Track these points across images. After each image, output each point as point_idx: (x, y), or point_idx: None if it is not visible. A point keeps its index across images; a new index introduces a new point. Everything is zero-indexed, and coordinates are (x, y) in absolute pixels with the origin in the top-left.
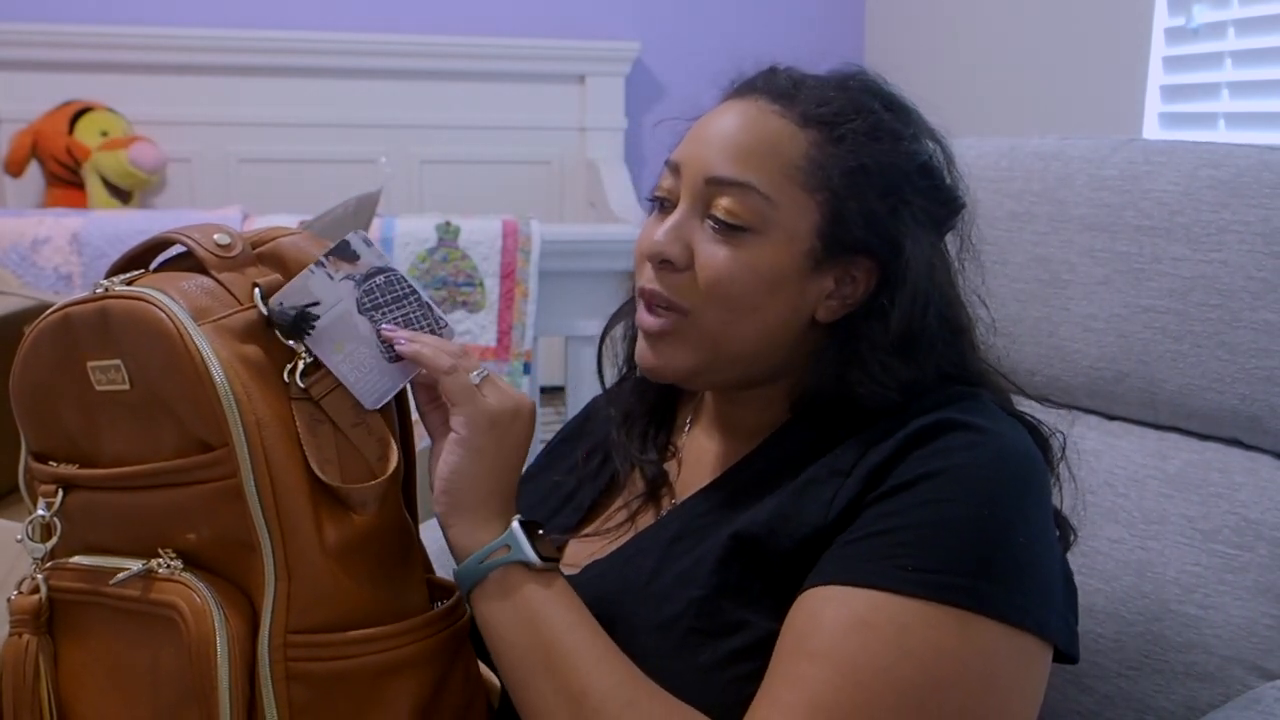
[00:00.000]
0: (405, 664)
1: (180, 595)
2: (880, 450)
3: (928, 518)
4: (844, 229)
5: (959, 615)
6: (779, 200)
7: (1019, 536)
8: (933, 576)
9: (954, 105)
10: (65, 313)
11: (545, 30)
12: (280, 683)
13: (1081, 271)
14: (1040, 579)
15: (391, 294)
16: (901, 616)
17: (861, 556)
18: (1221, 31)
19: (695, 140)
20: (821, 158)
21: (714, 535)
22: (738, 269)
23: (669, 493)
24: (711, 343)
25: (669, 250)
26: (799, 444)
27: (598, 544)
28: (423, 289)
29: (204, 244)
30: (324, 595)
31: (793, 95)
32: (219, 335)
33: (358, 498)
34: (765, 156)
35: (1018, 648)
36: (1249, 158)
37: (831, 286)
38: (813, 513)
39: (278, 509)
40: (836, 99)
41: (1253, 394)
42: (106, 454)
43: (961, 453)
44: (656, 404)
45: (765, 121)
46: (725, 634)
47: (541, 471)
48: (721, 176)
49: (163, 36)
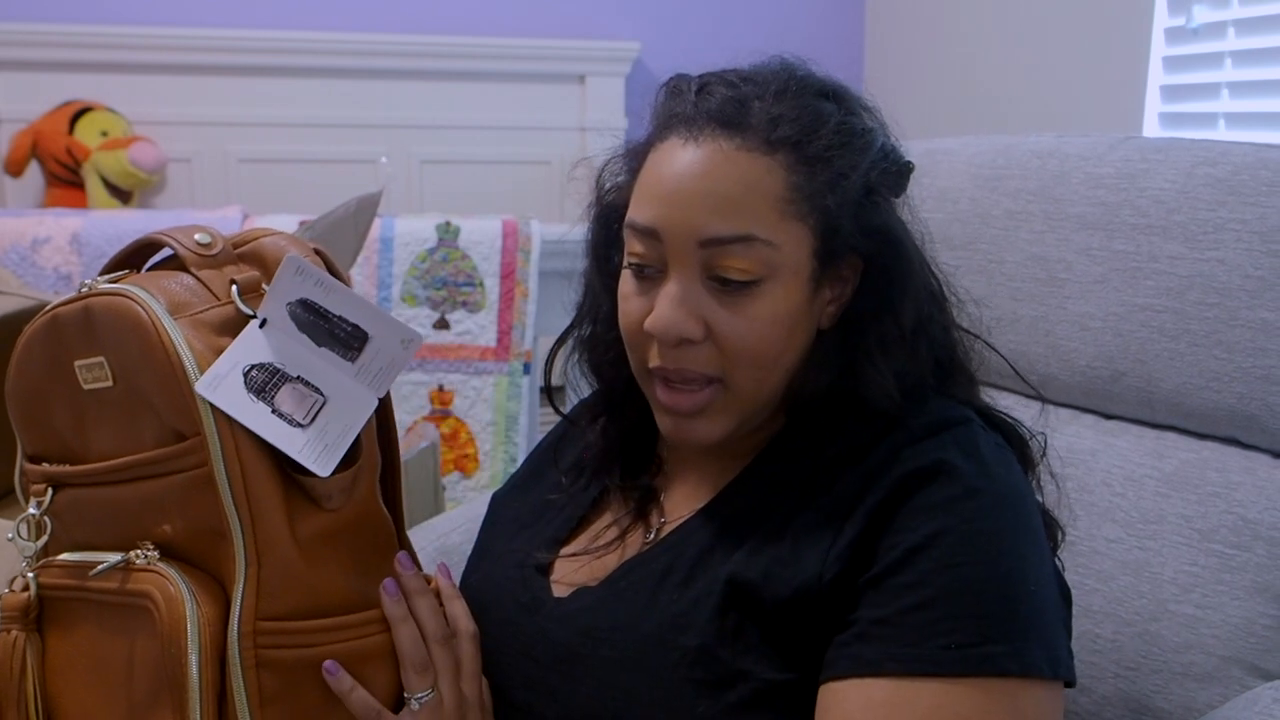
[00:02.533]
0: (375, 653)
1: (155, 584)
2: (876, 492)
3: (950, 586)
4: (836, 240)
5: (1004, 685)
6: (780, 241)
7: (1030, 585)
8: (974, 651)
9: (954, 105)
10: (53, 314)
11: (545, 30)
12: (250, 670)
13: (1078, 270)
14: (1052, 621)
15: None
16: (956, 704)
17: (900, 640)
18: (1221, 31)
19: (666, 201)
20: (801, 182)
21: (707, 574)
22: (761, 326)
23: (658, 511)
24: (748, 403)
25: (685, 329)
26: (789, 463)
27: (585, 563)
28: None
29: (185, 243)
30: (294, 581)
31: (742, 121)
32: (194, 328)
33: (321, 490)
34: (753, 202)
35: (1052, 697)
36: (1246, 156)
37: (829, 294)
38: (810, 560)
39: (248, 496)
40: (788, 113)
41: (1250, 393)
42: (94, 451)
43: (964, 504)
44: (636, 424)
45: (736, 163)
46: (725, 685)
47: (532, 486)
48: (720, 236)
49: (163, 36)
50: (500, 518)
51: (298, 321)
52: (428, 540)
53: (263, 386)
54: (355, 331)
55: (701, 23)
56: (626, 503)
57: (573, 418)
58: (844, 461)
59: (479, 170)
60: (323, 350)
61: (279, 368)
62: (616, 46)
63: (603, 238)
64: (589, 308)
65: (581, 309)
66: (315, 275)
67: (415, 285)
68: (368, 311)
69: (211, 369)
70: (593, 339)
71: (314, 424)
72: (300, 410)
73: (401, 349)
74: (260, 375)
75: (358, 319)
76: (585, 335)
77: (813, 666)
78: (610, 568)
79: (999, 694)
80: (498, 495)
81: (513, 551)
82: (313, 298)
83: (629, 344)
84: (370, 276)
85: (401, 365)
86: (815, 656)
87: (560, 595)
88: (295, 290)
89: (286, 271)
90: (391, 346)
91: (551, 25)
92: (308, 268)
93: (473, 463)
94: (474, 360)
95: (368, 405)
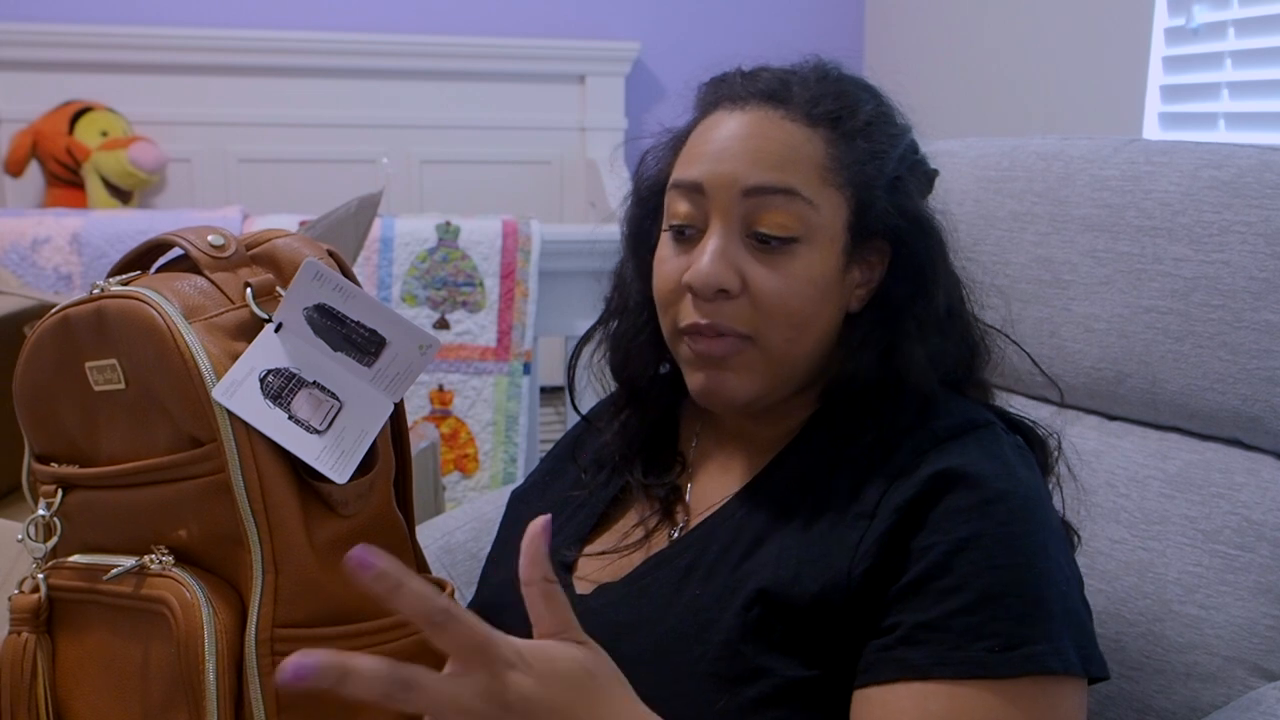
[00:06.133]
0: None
1: (170, 590)
2: (903, 489)
3: (990, 588)
4: (869, 218)
5: (1047, 682)
6: (819, 202)
7: (1061, 585)
8: (1017, 652)
9: (954, 105)
10: (64, 315)
11: (545, 30)
12: (268, 676)
13: (1083, 272)
14: (1084, 620)
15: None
16: (1006, 704)
17: (946, 644)
18: (1221, 31)
19: (713, 158)
20: (840, 154)
21: (731, 571)
22: (797, 285)
23: (683, 509)
24: (777, 365)
25: (725, 279)
26: (814, 459)
27: (611, 560)
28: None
29: (198, 245)
30: (311, 588)
31: (786, 97)
32: (209, 333)
33: (338, 496)
34: (795, 161)
35: (1083, 692)
36: (1250, 158)
37: (858, 276)
38: (839, 557)
39: (265, 503)
40: (827, 94)
41: (1254, 394)
42: (104, 453)
43: (995, 507)
44: (659, 421)
45: (779, 127)
46: (745, 681)
47: (551, 484)
48: (763, 184)
49: (163, 36)
50: (520, 516)
51: (314, 326)
52: (432, 539)
53: (279, 392)
54: (372, 336)
55: (701, 23)
56: (651, 501)
57: (592, 418)
58: (868, 461)
59: (479, 170)
60: (339, 355)
61: (295, 373)
62: (616, 46)
63: (641, 214)
64: (617, 301)
65: (609, 305)
66: (334, 280)
67: (415, 285)
68: (385, 316)
69: (228, 374)
70: (620, 332)
71: (330, 430)
72: (317, 416)
73: (419, 354)
74: (276, 381)
75: (375, 324)
76: (612, 330)
77: (835, 664)
78: (635, 565)
79: (1044, 692)
80: (516, 493)
81: None
82: (330, 302)
83: (662, 303)
84: (370, 276)
85: (419, 370)
86: (838, 654)
87: (583, 592)
88: (313, 295)
89: (305, 276)
90: (408, 351)
91: (551, 25)
92: (326, 272)
93: (473, 463)
94: (474, 360)
95: (384, 410)
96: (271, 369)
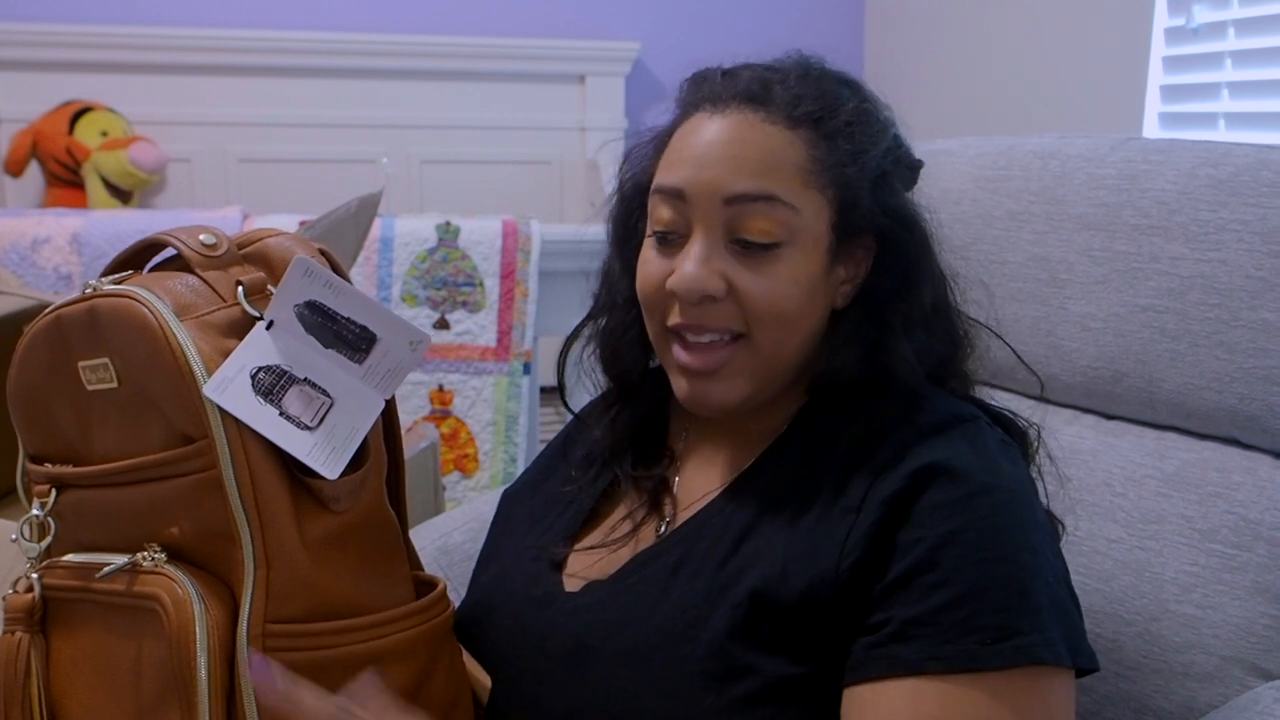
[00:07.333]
0: (385, 655)
1: (162, 587)
2: (889, 482)
3: (977, 582)
4: (853, 217)
5: (1038, 673)
6: (801, 206)
7: (1048, 576)
8: (1007, 644)
9: (954, 106)
10: (57, 315)
11: (545, 30)
12: None
13: (1079, 271)
14: (1070, 611)
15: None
16: (999, 697)
17: (937, 639)
18: (1221, 31)
19: (694, 163)
20: (822, 155)
21: (718, 568)
22: (782, 287)
23: (670, 502)
24: (766, 366)
25: (709, 285)
26: (800, 454)
27: (601, 556)
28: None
29: (190, 244)
30: (303, 585)
31: (766, 98)
32: (201, 330)
33: (329, 492)
34: (775, 165)
35: (1071, 684)
36: (1247, 156)
37: (843, 273)
38: (826, 552)
39: (256, 499)
40: (809, 93)
41: (1251, 393)
42: (97, 452)
43: (980, 500)
44: (649, 416)
45: (760, 131)
46: (732, 679)
47: (543, 483)
48: (744, 192)
49: (163, 36)
50: (511, 515)
51: (305, 323)
52: (429, 539)
53: (270, 389)
54: (363, 333)
55: (701, 23)
56: (639, 494)
57: (583, 416)
58: (854, 455)
59: (479, 170)
60: (330, 352)
61: (286, 369)
62: (616, 46)
63: (625, 212)
64: (605, 298)
65: (598, 301)
66: (324, 277)
67: (415, 285)
68: (376, 313)
69: (219, 372)
70: (609, 328)
71: (321, 426)
72: (308, 412)
73: (410, 350)
74: (267, 378)
75: (366, 320)
76: (601, 327)
77: (824, 660)
78: (623, 561)
79: (1034, 683)
80: (508, 493)
81: (526, 548)
82: (321, 299)
83: (647, 305)
84: (370, 276)
85: (410, 367)
86: (827, 650)
87: (572, 590)
88: (303, 292)
89: (295, 273)
90: (399, 348)
91: (551, 25)
92: (316, 269)
93: (473, 463)
94: (474, 360)
95: (375, 407)
96: (263, 366)
